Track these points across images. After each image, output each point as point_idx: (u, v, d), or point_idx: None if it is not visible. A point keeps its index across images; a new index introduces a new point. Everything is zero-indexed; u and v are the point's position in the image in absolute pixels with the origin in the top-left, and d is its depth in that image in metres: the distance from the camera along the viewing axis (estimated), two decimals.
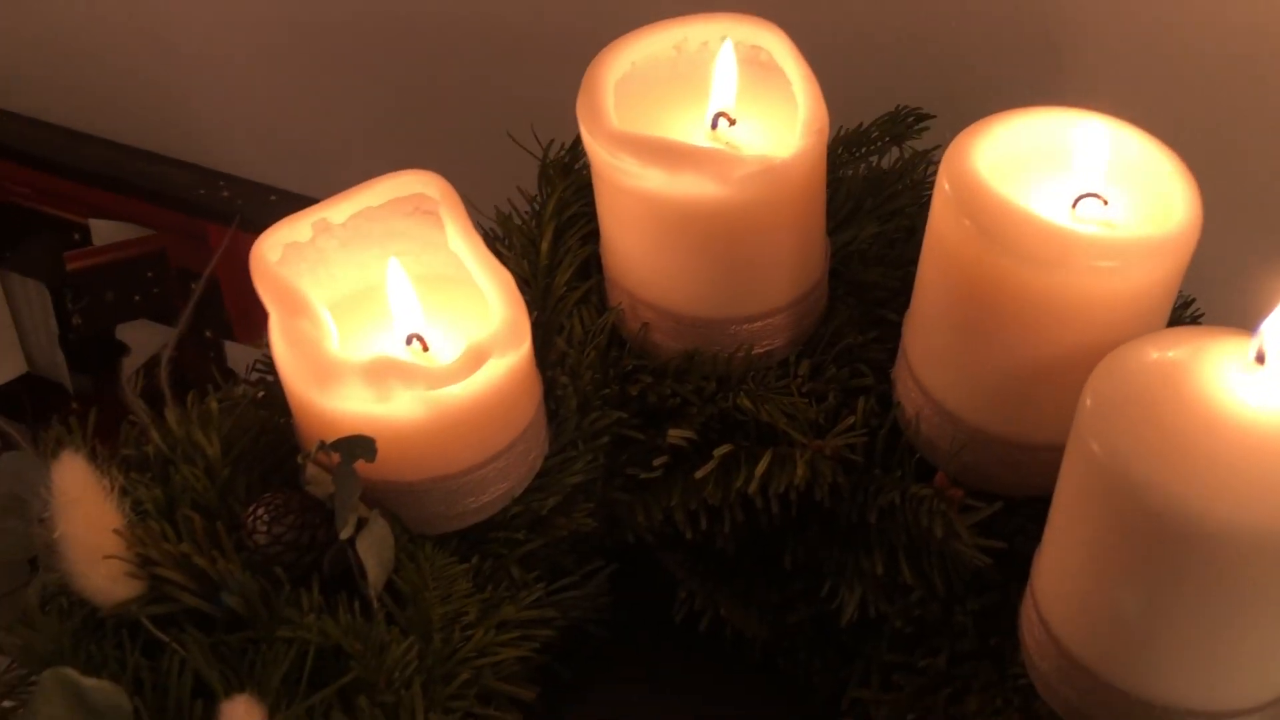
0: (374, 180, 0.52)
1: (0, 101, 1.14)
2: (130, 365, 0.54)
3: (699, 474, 0.53)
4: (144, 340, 1.08)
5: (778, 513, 0.53)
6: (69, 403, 1.18)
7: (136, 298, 1.09)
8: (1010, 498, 0.50)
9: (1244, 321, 0.42)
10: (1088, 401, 0.41)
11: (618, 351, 0.56)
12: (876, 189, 0.62)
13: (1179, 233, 0.45)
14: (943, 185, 0.47)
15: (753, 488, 0.52)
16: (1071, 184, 0.48)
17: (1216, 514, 0.38)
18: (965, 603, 0.50)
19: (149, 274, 1.09)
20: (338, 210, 0.51)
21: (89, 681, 0.42)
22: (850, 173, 0.63)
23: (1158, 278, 0.46)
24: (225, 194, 1.05)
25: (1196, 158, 0.47)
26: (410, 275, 0.51)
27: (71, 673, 0.42)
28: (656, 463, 0.54)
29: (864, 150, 0.64)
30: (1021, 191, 0.47)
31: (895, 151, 0.64)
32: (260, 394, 0.55)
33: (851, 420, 0.52)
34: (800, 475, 0.51)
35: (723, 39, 0.53)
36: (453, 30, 0.86)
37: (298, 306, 0.49)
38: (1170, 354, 0.42)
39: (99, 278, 1.09)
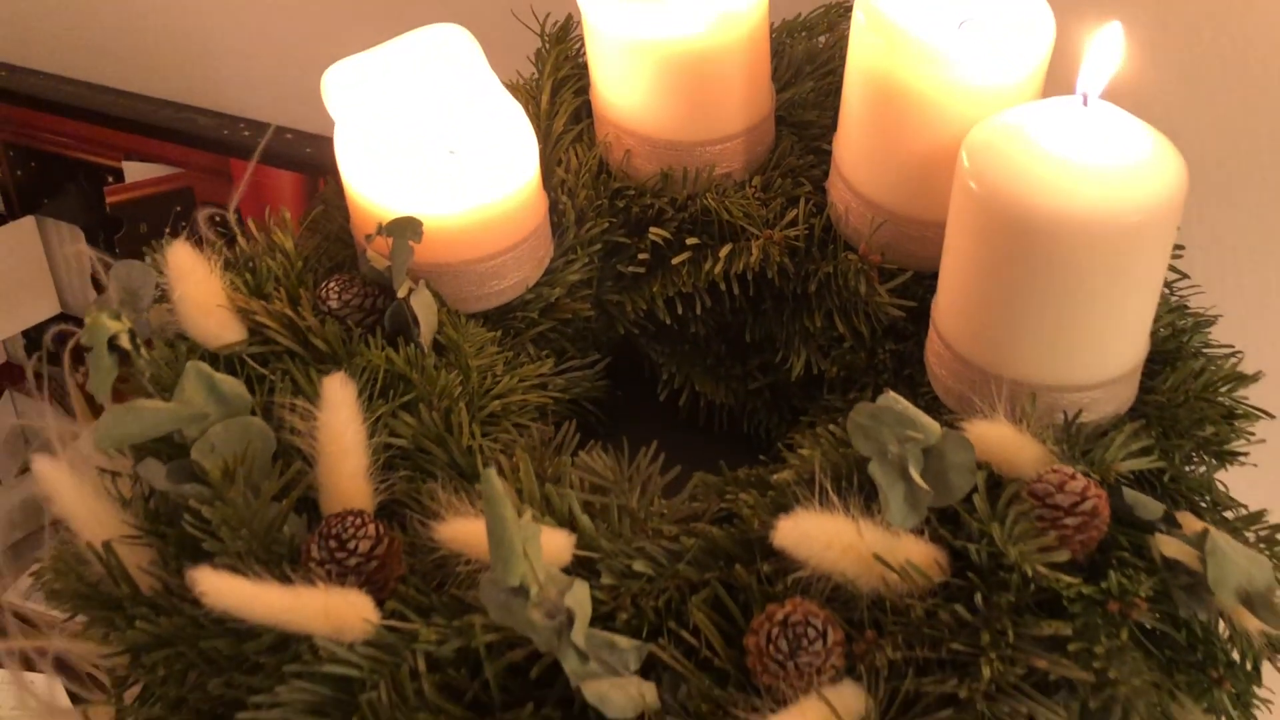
0: (410, 33, 0.66)
1: (37, 63, 1.27)
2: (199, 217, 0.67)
3: (675, 260, 0.67)
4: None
5: (738, 294, 0.67)
6: None
7: (167, 230, 1.22)
8: (919, 270, 0.64)
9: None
10: (964, 155, 0.55)
11: (606, 176, 0.70)
12: (813, 59, 0.76)
13: (1038, 43, 0.60)
14: (857, 15, 0.62)
15: (718, 269, 0.66)
16: (954, 11, 0.62)
17: (1051, 209, 0.52)
18: (885, 346, 0.64)
19: (178, 208, 1.22)
20: (385, 53, 0.65)
21: (218, 375, 0.55)
22: (792, 47, 0.77)
23: (1021, 79, 0.60)
24: (246, 133, 1.19)
25: None
26: (443, 102, 0.64)
27: (206, 366, 0.55)
28: (640, 257, 0.68)
29: (803, 34, 0.78)
30: (917, 17, 0.61)
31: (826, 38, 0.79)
32: (320, 208, 0.69)
33: (794, 214, 0.66)
34: (755, 258, 0.65)
35: None
36: None
37: (360, 120, 0.63)
38: (1020, 115, 0.56)
39: (134, 210, 1.22)
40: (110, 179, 1.24)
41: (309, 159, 1.14)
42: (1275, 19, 0.77)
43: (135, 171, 1.23)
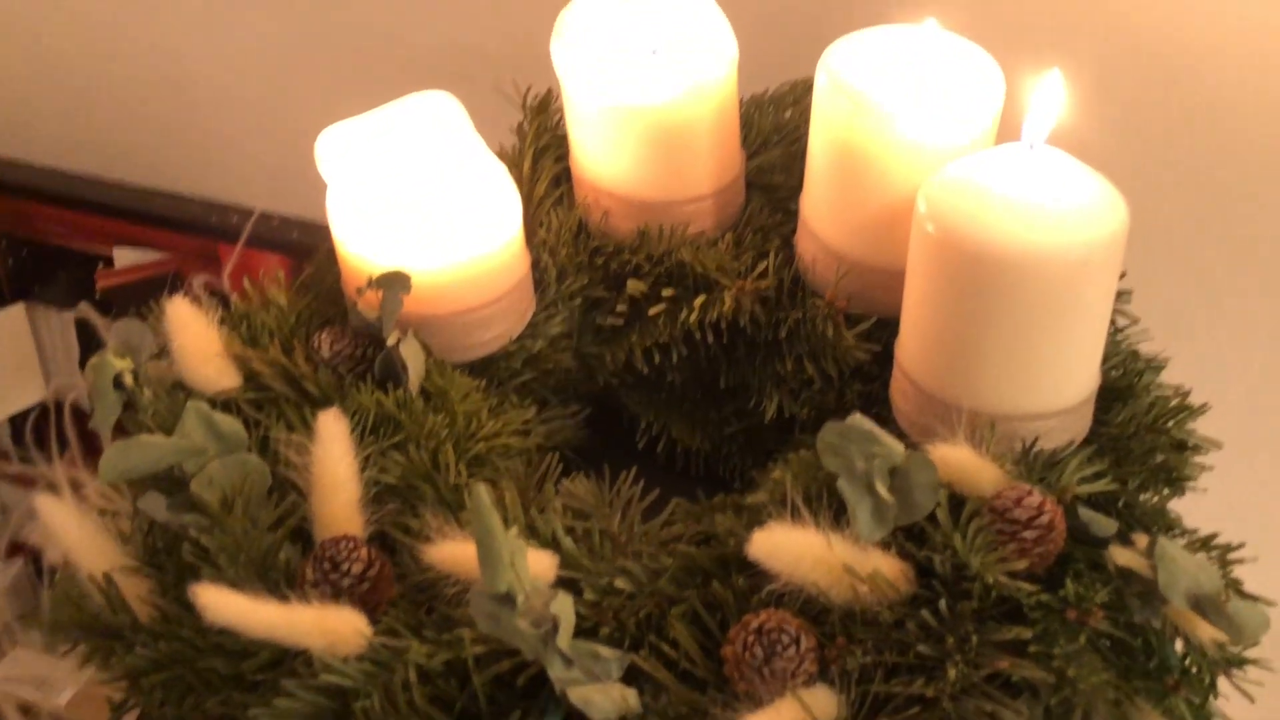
0: (400, 99, 0.70)
1: (30, 155, 1.31)
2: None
3: (652, 311, 0.70)
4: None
5: (713, 342, 0.70)
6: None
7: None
8: (883, 316, 0.68)
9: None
10: (920, 201, 0.59)
11: (586, 235, 0.74)
12: (780, 129, 0.80)
13: (987, 101, 0.64)
14: (820, 78, 0.66)
15: (693, 319, 0.69)
16: (910, 73, 0.66)
17: (1002, 247, 0.55)
18: (853, 387, 0.67)
19: (167, 291, 1.24)
20: (376, 118, 0.69)
21: (216, 413, 0.58)
22: (760, 119, 0.82)
23: (973, 133, 0.64)
24: (234, 219, 1.22)
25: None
26: (431, 162, 0.68)
27: (205, 404, 0.57)
28: (619, 310, 0.71)
29: (771, 107, 0.83)
30: (875, 80, 0.65)
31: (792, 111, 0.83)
32: (311, 270, 0.72)
33: (764, 266, 0.70)
34: (728, 307, 0.69)
35: None
36: (446, 69, 1.05)
37: (351, 180, 0.66)
38: (972, 162, 0.60)
39: (125, 295, 1.25)
40: (101, 265, 1.27)
41: (295, 242, 1.18)
42: (1213, 63, 0.82)
43: (125, 257, 1.26)
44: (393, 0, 1.04)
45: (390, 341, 0.64)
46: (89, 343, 1.30)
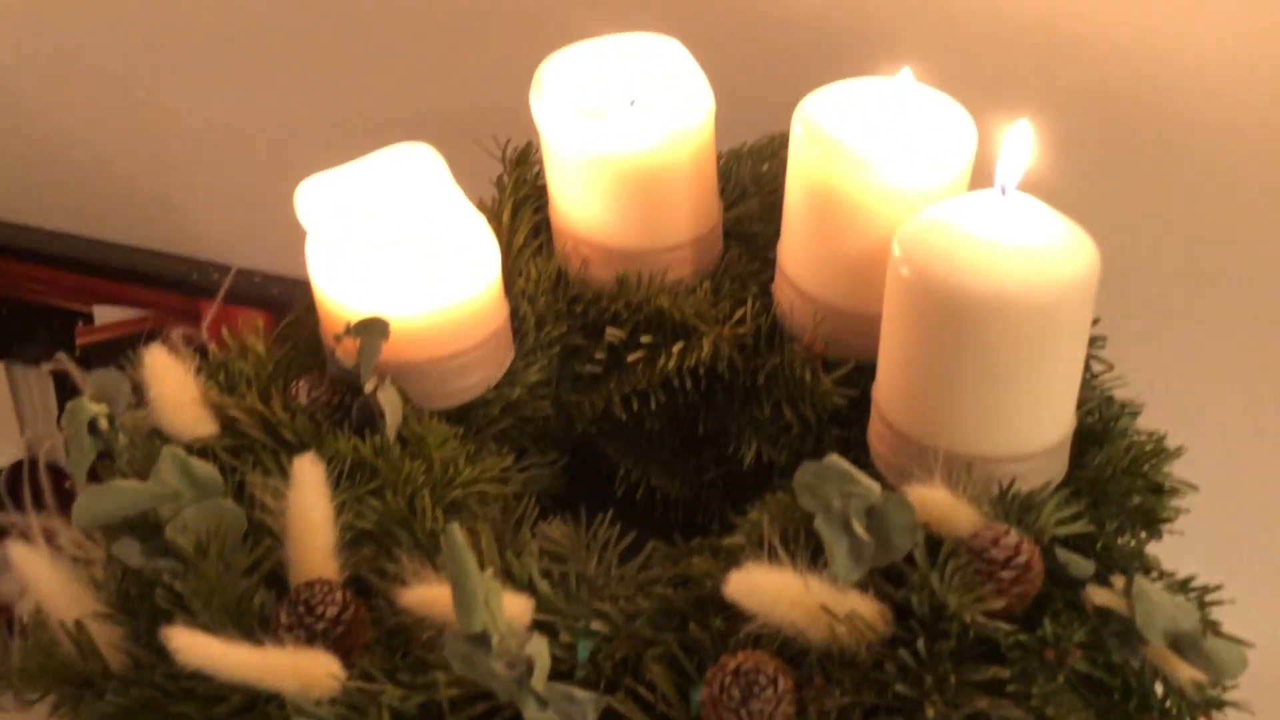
0: (382, 150, 0.70)
1: (9, 213, 1.31)
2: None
3: (630, 358, 0.70)
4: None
5: (690, 389, 0.70)
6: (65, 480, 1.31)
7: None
8: (860, 361, 0.68)
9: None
10: (895, 245, 0.60)
11: (565, 284, 0.74)
12: (758, 181, 0.81)
13: (960, 149, 0.65)
14: (796, 128, 0.67)
15: (671, 365, 0.69)
16: (885, 123, 0.67)
17: (976, 289, 0.56)
18: (831, 432, 0.67)
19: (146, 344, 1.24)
20: (356, 169, 0.69)
21: (192, 459, 0.57)
22: (738, 171, 0.82)
23: (946, 181, 0.65)
24: (215, 276, 1.22)
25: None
26: (409, 209, 0.69)
27: (180, 450, 0.57)
28: (598, 357, 0.71)
29: (748, 160, 0.84)
30: (850, 128, 0.66)
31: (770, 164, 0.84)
32: (290, 319, 0.72)
33: (742, 313, 0.70)
34: (706, 353, 0.69)
35: (641, 50, 0.73)
36: (427, 126, 1.05)
37: (330, 228, 0.66)
38: (946, 208, 0.60)
39: (104, 352, 1.25)
40: (81, 323, 1.27)
41: (276, 298, 1.18)
42: (1183, 108, 0.83)
43: (105, 315, 1.26)
44: (373, 60, 1.05)
45: (368, 388, 0.64)
46: (67, 399, 1.29)
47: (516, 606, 0.52)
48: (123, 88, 1.17)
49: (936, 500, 0.55)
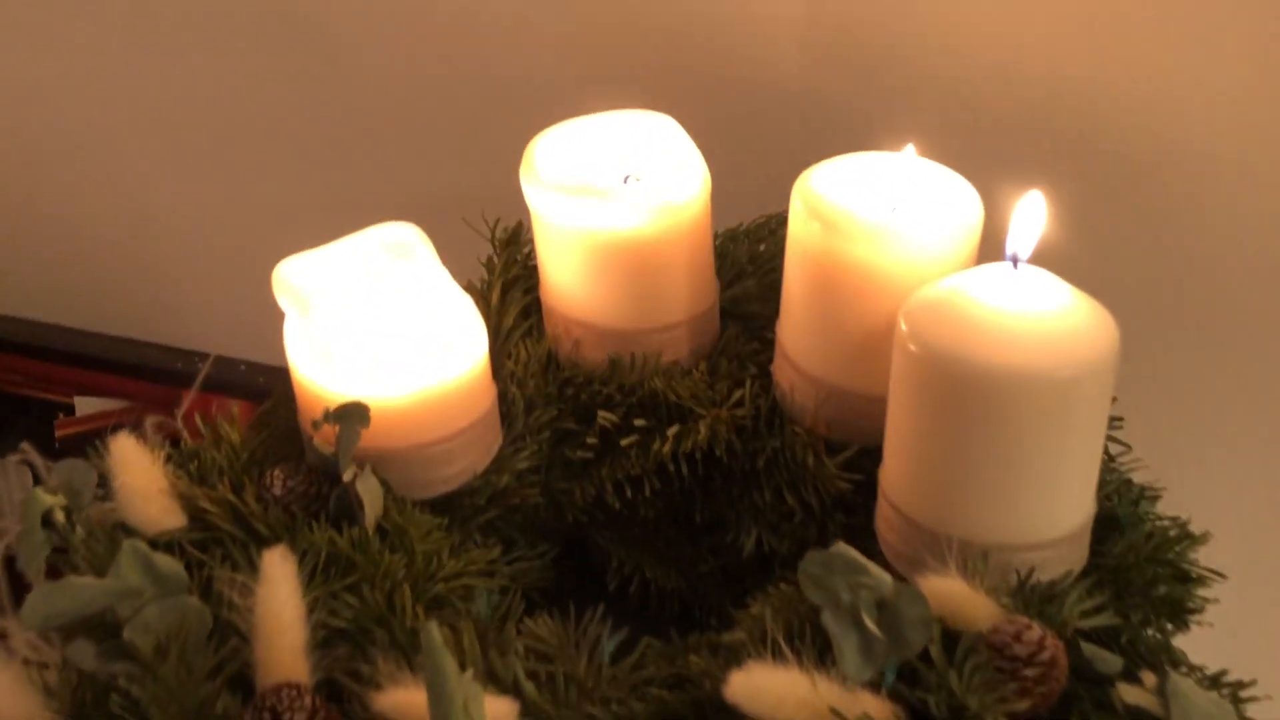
0: (365, 229, 0.68)
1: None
2: None
3: (624, 443, 0.67)
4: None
5: (687, 474, 0.67)
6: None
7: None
8: (865, 444, 0.65)
9: None
10: (902, 321, 0.57)
11: (555, 367, 0.71)
12: (755, 260, 0.78)
13: (966, 223, 0.62)
14: (795, 203, 0.64)
15: (666, 449, 0.66)
16: (887, 198, 0.65)
17: (989, 365, 0.53)
18: (835, 519, 0.64)
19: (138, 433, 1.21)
20: (338, 249, 0.67)
21: (155, 554, 0.54)
22: (735, 251, 0.80)
23: (952, 255, 0.62)
24: (199, 365, 1.19)
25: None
26: (391, 290, 0.66)
27: (143, 544, 0.54)
28: (589, 442, 0.68)
29: (745, 240, 0.81)
30: (851, 201, 0.64)
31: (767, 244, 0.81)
32: (267, 406, 0.69)
33: (741, 394, 0.67)
34: (703, 436, 0.66)
35: (634, 127, 0.71)
36: (413, 208, 1.03)
37: (309, 309, 0.63)
38: (954, 281, 0.57)
39: (84, 444, 1.21)
40: (61, 414, 1.24)
41: (261, 387, 1.15)
42: (1191, 185, 0.80)
43: (86, 406, 1.23)
44: (360, 143, 1.03)
45: (346, 477, 0.61)
46: None
47: (500, 710, 0.48)
48: (105, 173, 1.15)
49: (952, 592, 0.51)
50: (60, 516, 0.55)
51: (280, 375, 0.66)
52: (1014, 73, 0.81)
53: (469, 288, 0.75)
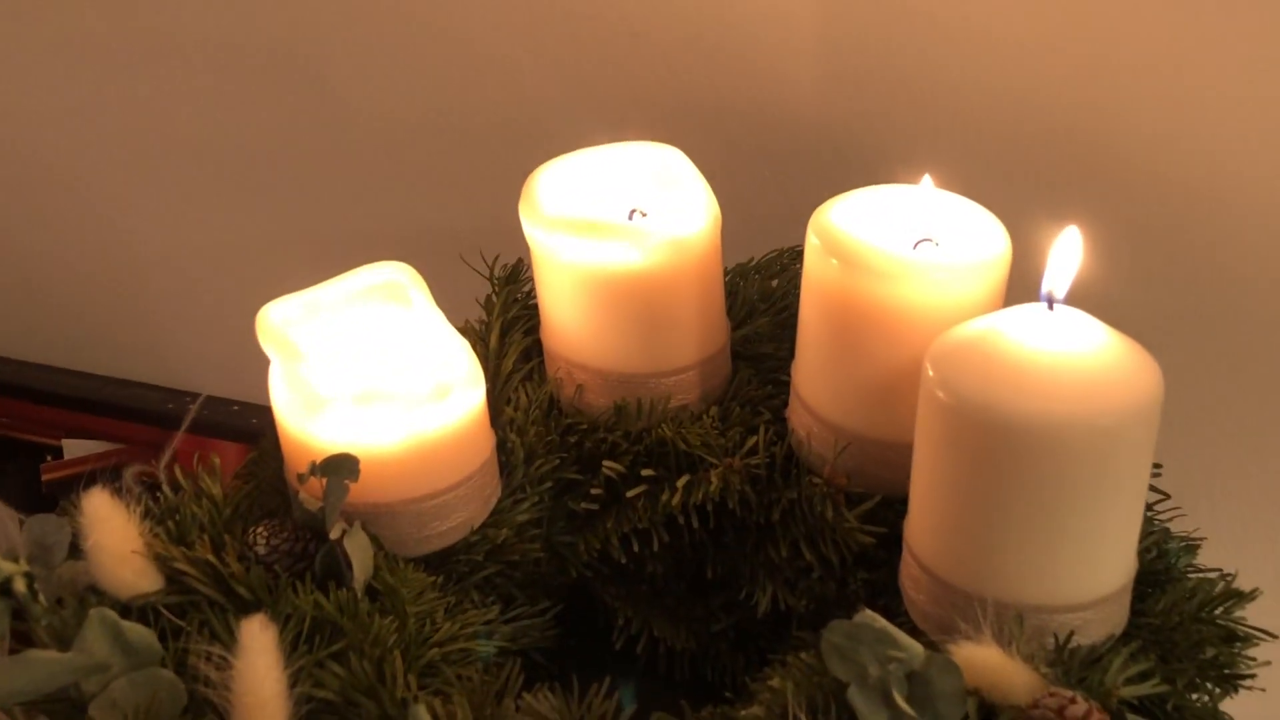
0: (355, 270, 0.64)
1: None
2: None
3: (630, 494, 0.63)
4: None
5: (697, 527, 0.63)
6: None
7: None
8: (888, 494, 0.61)
9: None
10: (928, 366, 0.53)
11: (557, 413, 0.67)
12: (767, 298, 0.75)
13: (994, 258, 0.58)
14: (811, 239, 0.60)
15: (675, 501, 0.62)
16: (908, 232, 0.61)
17: (1024, 413, 0.49)
18: (857, 575, 0.60)
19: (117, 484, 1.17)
20: (325, 291, 0.63)
21: (126, 623, 0.50)
22: (746, 288, 0.76)
23: (980, 293, 0.58)
24: (191, 406, 1.16)
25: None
26: (380, 333, 0.62)
27: (112, 613, 0.50)
28: (594, 493, 0.64)
29: (756, 275, 0.78)
30: (870, 236, 0.60)
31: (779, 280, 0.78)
32: (254, 454, 0.65)
33: (754, 442, 0.63)
34: (715, 487, 0.62)
35: (638, 159, 0.67)
36: (409, 247, 1.00)
37: (295, 355, 0.60)
38: (984, 322, 0.54)
39: (70, 488, 1.17)
40: (49, 457, 1.20)
41: (255, 429, 1.11)
42: (1231, 220, 0.76)
43: (75, 449, 1.19)
44: (352, 178, 0.99)
45: (334, 534, 0.57)
46: None
47: None
48: (95, 211, 1.11)
49: (987, 661, 0.47)
50: (21, 585, 0.51)
51: (273, 418, 0.62)
52: (1034, 101, 0.77)
53: (466, 329, 0.71)
